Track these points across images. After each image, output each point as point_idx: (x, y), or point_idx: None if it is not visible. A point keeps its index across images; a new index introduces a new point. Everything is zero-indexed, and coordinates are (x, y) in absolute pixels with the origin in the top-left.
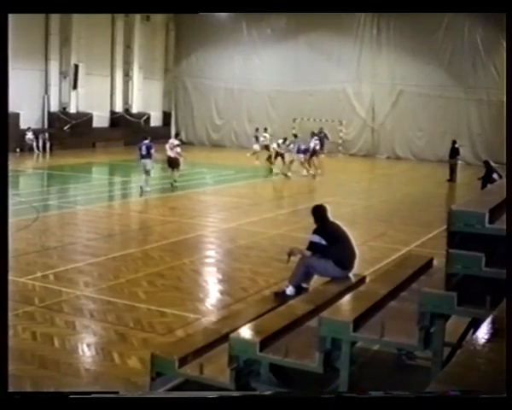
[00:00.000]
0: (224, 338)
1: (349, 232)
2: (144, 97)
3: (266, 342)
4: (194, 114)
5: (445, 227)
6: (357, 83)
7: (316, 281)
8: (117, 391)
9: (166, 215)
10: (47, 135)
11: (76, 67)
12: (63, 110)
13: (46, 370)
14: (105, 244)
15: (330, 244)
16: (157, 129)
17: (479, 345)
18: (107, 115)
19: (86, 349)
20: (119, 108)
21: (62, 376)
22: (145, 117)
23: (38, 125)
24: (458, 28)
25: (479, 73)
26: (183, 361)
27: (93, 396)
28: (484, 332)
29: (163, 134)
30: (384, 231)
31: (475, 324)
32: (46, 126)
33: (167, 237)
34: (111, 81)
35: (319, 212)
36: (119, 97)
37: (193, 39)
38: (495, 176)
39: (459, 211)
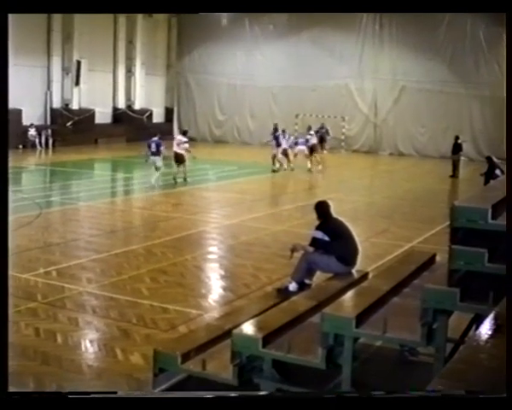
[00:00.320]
0: (227, 334)
1: (352, 228)
2: (147, 93)
3: (269, 338)
4: (196, 110)
5: (448, 223)
6: (359, 79)
7: (318, 277)
8: (115, 391)
9: (169, 211)
10: (49, 131)
11: (78, 64)
12: (65, 106)
13: (49, 366)
14: (107, 241)
15: (333, 240)
16: (159, 125)
17: (481, 341)
18: (109, 111)
19: (89, 345)
20: (122, 105)
21: (65, 372)
22: (147, 113)
23: (41, 121)
24: (461, 24)
25: (481, 69)
26: (186, 357)
27: (92, 396)
28: (486, 328)
29: (165, 130)
30: (386, 228)
31: (478, 320)
32: (49, 123)
33: (170, 234)
34: (113, 77)
35: (322, 208)
36: (122, 94)
37: (195, 35)
38: (497, 172)
39: (462, 207)
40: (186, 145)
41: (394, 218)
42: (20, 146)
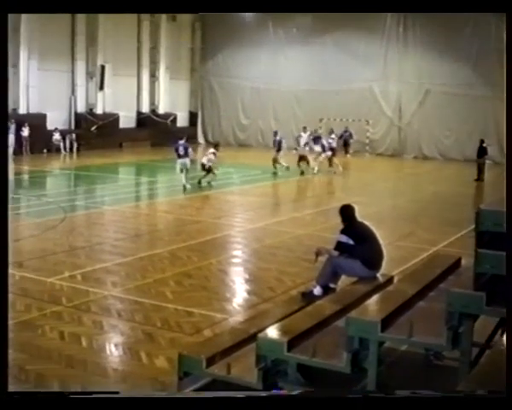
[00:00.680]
0: (252, 338)
1: (376, 232)
2: (171, 98)
3: (294, 342)
4: (220, 114)
5: (473, 227)
6: (383, 82)
7: (343, 281)
8: (117, 391)
9: (193, 215)
10: (74, 136)
11: (102, 68)
12: (90, 111)
13: (73, 369)
14: (132, 244)
15: (358, 244)
16: (184, 129)
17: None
18: (133, 116)
19: (114, 349)
20: (146, 109)
21: (89, 375)
22: (172, 117)
23: (65, 125)
24: (485, 26)
25: None
26: (211, 361)
27: (94, 396)
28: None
29: (189, 134)
30: (411, 231)
31: (504, 324)
32: (73, 127)
33: (194, 237)
34: (137, 81)
35: (347, 211)
36: (146, 98)
37: (219, 39)
38: None
39: (488, 211)
40: (210, 156)
41: (419, 221)
42: (45, 150)
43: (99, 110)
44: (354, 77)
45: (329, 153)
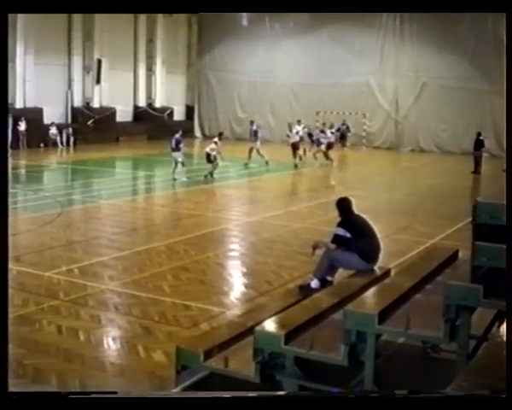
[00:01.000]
0: (249, 331)
1: (373, 225)
2: (167, 92)
3: (291, 335)
4: (217, 108)
5: (470, 220)
6: (380, 75)
7: (340, 274)
8: (115, 391)
9: (190, 209)
10: (71, 130)
11: (99, 62)
12: (87, 105)
13: (71, 363)
14: (129, 238)
15: (355, 237)
16: (180, 123)
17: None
18: (130, 110)
19: (111, 343)
20: (143, 103)
21: (87, 369)
22: (168, 111)
23: (62, 120)
24: (482, 19)
25: (503, 65)
26: (208, 354)
27: (92, 396)
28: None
29: (186, 128)
30: (408, 224)
31: (501, 316)
32: (70, 121)
33: (191, 231)
34: (134, 76)
35: (344, 205)
36: (143, 92)
37: (215, 33)
38: None
39: (485, 203)
40: (212, 145)
41: (416, 214)
42: (42, 145)
43: (96, 104)
44: (351, 70)
45: (323, 147)
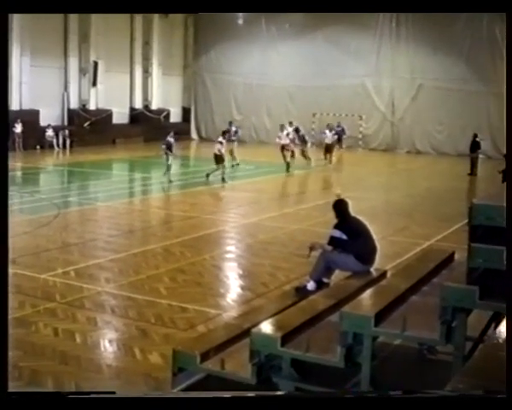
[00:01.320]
0: (246, 333)
1: (370, 227)
2: (163, 93)
3: (287, 337)
4: (213, 110)
5: (467, 221)
6: (376, 77)
7: (337, 276)
8: (114, 391)
9: (187, 211)
10: (67, 132)
11: (95, 64)
12: (83, 107)
13: (67, 366)
14: (126, 240)
15: (351, 239)
16: (177, 125)
17: (501, 339)
18: (126, 112)
19: (107, 345)
20: (139, 105)
21: (83, 372)
22: (165, 113)
23: (58, 122)
24: (477, 21)
25: (498, 66)
26: (205, 356)
27: (91, 396)
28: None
29: (183, 130)
30: (405, 226)
31: (497, 318)
32: (66, 123)
33: (188, 233)
34: (130, 78)
35: (340, 206)
36: (139, 94)
37: (211, 35)
38: None
39: (481, 205)
40: (218, 146)
41: (413, 216)
42: (38, 147)
43: (92, 106)
44: (347, 72)
45: (309, 145)
